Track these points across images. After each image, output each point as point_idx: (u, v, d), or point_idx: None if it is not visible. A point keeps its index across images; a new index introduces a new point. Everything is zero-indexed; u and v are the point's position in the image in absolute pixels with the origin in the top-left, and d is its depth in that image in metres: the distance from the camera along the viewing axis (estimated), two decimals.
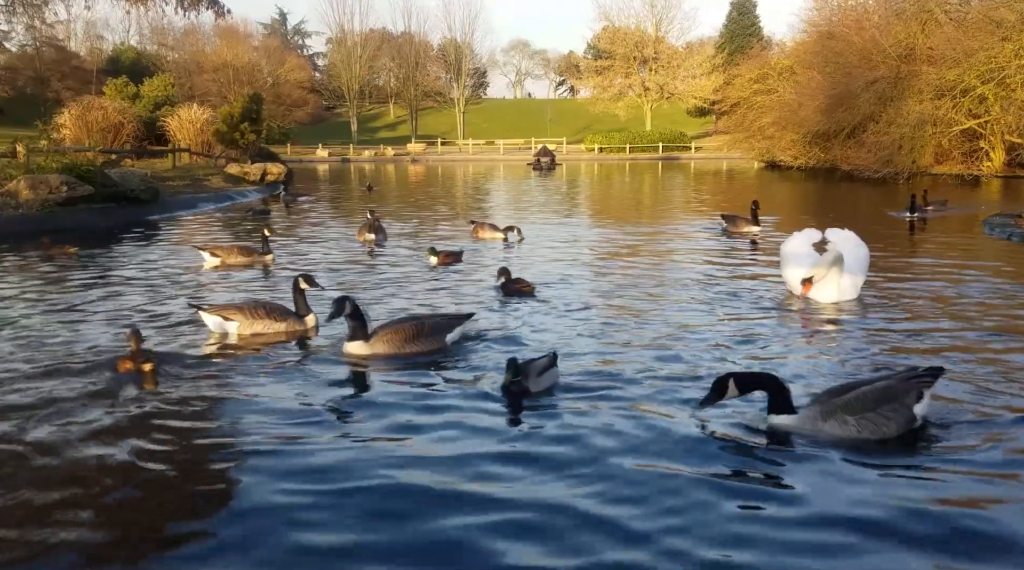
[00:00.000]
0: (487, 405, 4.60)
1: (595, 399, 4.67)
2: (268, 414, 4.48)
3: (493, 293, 7.95)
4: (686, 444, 4.00)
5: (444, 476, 3.64)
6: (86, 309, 7.28)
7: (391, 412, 4.51)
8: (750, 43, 69.19)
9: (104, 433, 4.16)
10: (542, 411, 4.49)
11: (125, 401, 4.66)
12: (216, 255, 10.08)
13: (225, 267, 9.78)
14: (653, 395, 4.75)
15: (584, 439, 4.07)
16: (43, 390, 4.84)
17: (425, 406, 4.60)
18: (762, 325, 6.58)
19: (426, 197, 24.61)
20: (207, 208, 19.72)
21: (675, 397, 4.70)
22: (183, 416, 4.47)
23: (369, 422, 4.37)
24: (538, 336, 6.21)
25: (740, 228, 13.11)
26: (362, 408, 4.63)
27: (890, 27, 34.04)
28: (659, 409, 4.50)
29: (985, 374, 5.07)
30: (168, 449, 4.01)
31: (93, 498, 3.46)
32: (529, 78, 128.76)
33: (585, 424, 4.28)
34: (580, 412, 4.46)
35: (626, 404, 4.59)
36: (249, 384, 5.04)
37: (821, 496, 3.41)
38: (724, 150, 57.89)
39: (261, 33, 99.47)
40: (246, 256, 10.11)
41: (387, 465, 3.76)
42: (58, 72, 71.95)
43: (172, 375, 5.14)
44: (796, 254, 7.58)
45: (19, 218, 14.25)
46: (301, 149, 68.72)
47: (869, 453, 3.88)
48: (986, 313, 6.90)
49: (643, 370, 5.23)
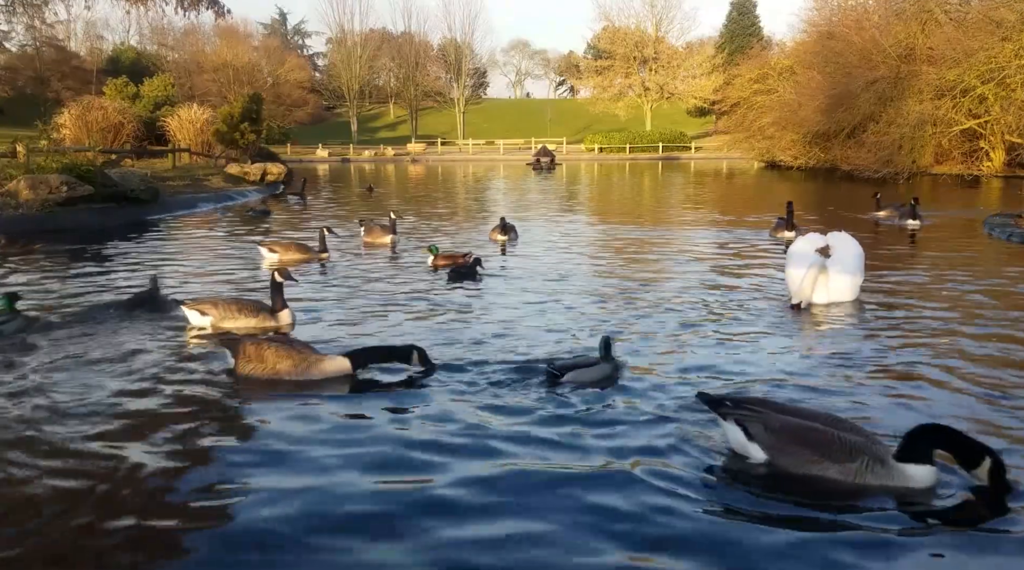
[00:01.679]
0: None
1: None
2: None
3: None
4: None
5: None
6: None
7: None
8: (750, 43, 69.15)
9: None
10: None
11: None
12: (274, 251, 10.35)
13: (283, 263, 9.97)
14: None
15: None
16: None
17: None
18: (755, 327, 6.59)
19: (436, 197, 24.59)
20: (207, 208, 19.71)
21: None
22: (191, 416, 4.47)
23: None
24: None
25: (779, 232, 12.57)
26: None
27: (890, 27, 34.04)
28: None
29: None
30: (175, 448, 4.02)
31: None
32: (529, 78, 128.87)
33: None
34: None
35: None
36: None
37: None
38: (724, 150, 57.87)
39: (261, 33, 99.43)
40: (303, 253, 10.37)
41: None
42: (58, 72, 71.86)
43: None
44: (801, 254, 7.53)
45: (19, 218, 14.25)
46: (301, 149, 68.67)
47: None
48: (985, 314, 6.90)
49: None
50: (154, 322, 6.61)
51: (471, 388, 4.89)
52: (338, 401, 4.72)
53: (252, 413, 4.56)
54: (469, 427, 4.25)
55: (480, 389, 4.87)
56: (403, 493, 3.50)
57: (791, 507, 3.36)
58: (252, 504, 3.40)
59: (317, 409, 4.57)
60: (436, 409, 4.54)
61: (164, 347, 5.88)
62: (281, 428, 4.29)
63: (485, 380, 5.03)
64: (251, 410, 4.61)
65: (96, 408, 4.54)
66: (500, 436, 4.12)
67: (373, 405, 4.65)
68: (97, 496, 3.48)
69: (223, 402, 4.74)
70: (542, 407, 4.54)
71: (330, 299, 7.82)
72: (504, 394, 4.78)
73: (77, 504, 3.40)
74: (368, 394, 4.93)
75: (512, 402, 4.64)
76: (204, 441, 4.14)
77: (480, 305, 7.44)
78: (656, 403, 4.58)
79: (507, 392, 4.81)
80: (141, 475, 3.69)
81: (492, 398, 4.71)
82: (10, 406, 4.55)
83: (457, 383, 4.99)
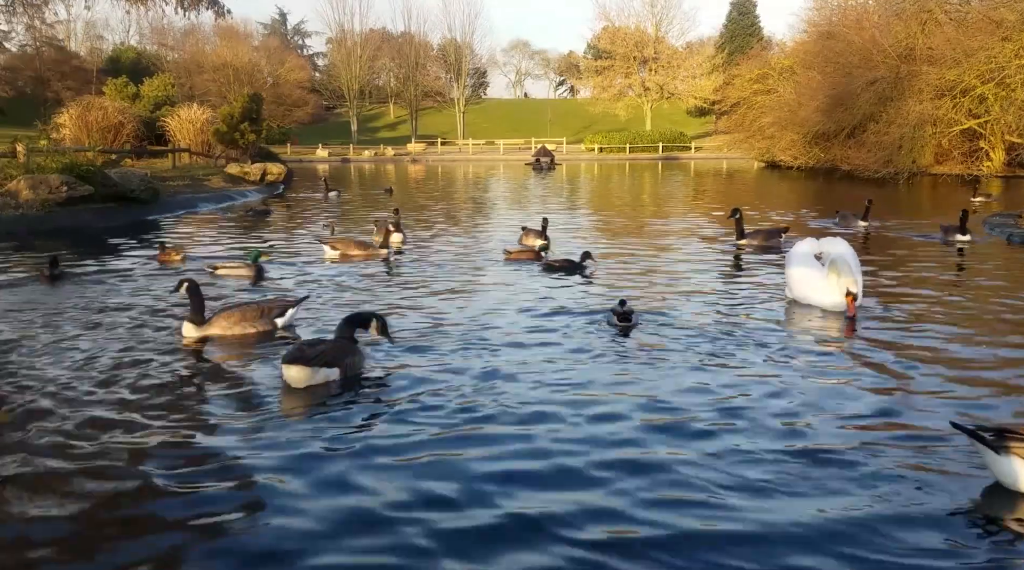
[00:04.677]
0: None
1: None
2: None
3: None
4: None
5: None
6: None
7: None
8: (750, 43, 69.17)
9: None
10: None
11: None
12: (336, 248, 10.68)
13: (343, 259, 10.35)
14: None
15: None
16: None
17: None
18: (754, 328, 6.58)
19: (451, 197, 24.59)
20: (207, 208, 19.70)
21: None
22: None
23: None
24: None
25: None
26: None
27: (890, 27, 34.03)
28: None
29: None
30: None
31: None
32: (529, 78, 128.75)
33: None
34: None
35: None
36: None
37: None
38: (724, 150, 57.88)
39: (261, 33, 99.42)
40: (363, 249, 10.65)
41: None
42: (58, 72, 71.80)
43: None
44: (802, 254, 7.49)
45: (19, 218, 14.24)
46: (301, 149, 68.65)
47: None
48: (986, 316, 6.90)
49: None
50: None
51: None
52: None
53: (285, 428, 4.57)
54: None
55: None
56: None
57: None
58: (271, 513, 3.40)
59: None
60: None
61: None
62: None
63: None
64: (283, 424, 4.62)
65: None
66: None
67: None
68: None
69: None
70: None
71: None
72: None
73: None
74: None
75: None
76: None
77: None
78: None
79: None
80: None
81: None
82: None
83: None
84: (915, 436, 4.11)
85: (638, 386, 4.95)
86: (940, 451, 3.90)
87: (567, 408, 4.53)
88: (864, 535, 3.12)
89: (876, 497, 3.43)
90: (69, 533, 3.18)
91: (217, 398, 4.78)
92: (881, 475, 3.64)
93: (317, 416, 4.46)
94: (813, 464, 3.77)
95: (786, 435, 4.14)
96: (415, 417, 4.41)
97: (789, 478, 3.62)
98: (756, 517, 3.26)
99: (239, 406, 4.64)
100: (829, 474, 3.66)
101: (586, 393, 4.81)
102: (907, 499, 3.40)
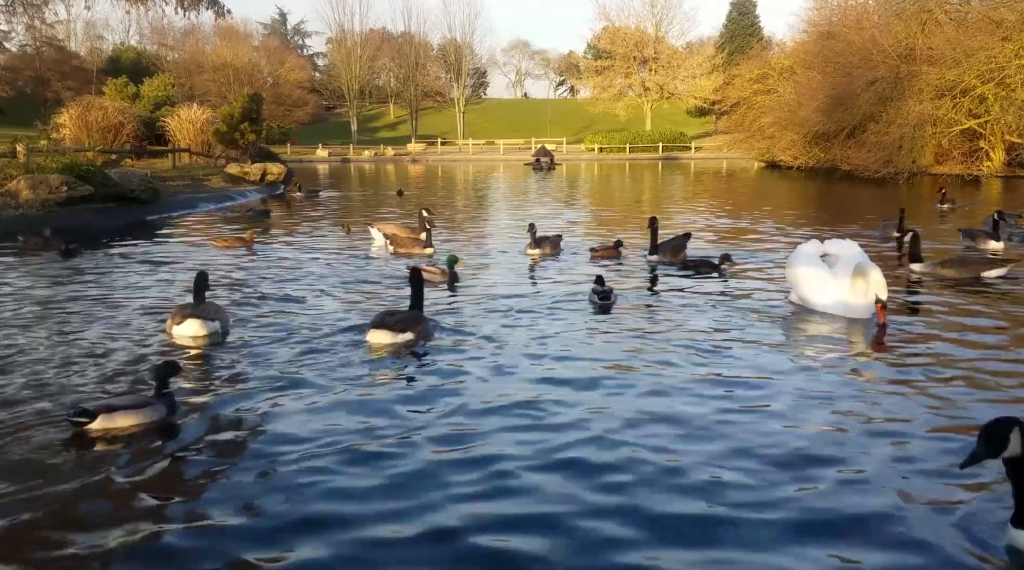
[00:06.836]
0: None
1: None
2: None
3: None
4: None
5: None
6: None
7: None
8: (750, 43, 69.18)
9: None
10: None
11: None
12: (387, 236, 11.16)
13: (395, 241, 10.88)
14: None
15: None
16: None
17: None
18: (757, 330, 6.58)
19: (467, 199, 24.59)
20: (207, 208, 19.70)
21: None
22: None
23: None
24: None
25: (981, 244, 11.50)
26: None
27: (890, 27, 34.03)
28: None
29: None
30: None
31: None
32: (529, 78, 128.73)
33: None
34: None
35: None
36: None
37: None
38: (724, 150, 57.88)
39: (261, 33, 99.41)
40: (411, 247, 10.86)
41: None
42: (58, 72, 71.81)
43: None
44: (808, 254, 7.26)
45: (19, 218, 14.24)
46: (301, 149, 68.64)
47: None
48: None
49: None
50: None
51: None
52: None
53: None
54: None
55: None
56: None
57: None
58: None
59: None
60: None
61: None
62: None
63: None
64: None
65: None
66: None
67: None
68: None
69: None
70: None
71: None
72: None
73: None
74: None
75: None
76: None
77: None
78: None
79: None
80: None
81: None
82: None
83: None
84: (928, 443, 4.09)
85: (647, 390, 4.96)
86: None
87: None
88: (865, 535, 3.12)
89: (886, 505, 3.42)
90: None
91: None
92: (887, 482, 3.64)
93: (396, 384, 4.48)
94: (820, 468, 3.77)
95: (794, 447, 4.14)
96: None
97: (782, 482, 3.62)
98: (755, 517, 3.26)
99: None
100: (830, 474, 3.67)
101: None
102: (921, 512, 3.40)
